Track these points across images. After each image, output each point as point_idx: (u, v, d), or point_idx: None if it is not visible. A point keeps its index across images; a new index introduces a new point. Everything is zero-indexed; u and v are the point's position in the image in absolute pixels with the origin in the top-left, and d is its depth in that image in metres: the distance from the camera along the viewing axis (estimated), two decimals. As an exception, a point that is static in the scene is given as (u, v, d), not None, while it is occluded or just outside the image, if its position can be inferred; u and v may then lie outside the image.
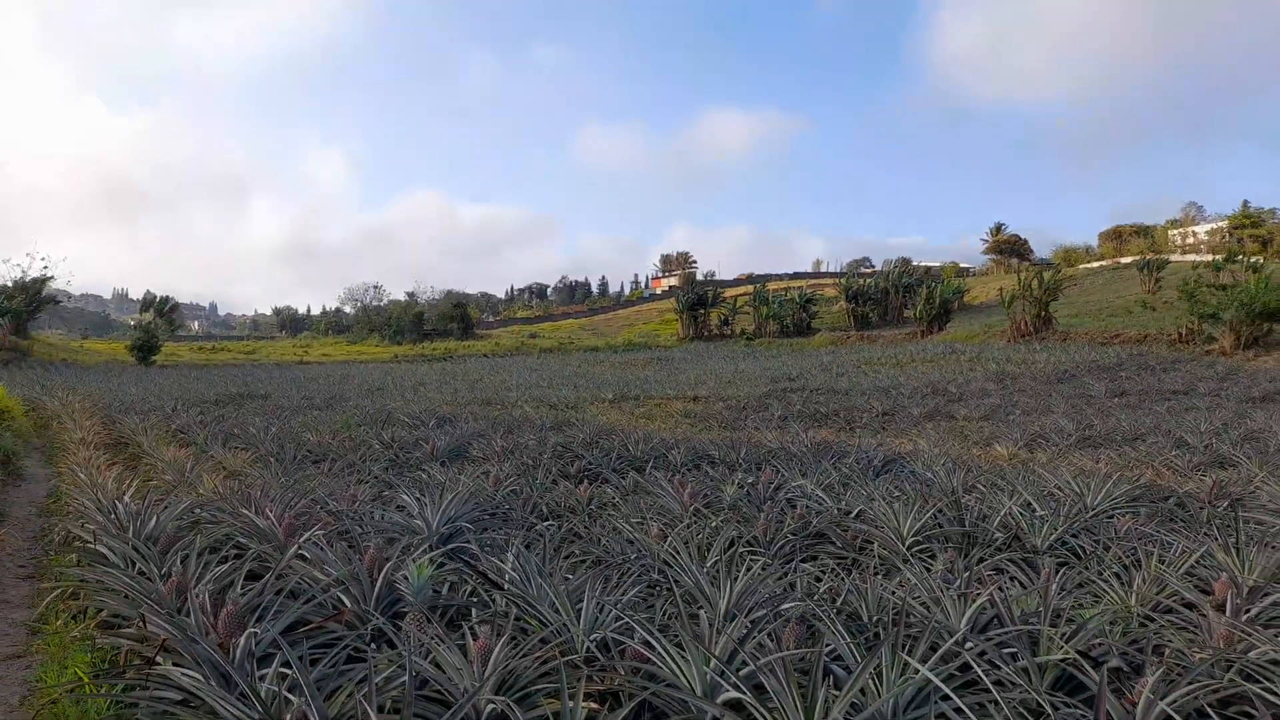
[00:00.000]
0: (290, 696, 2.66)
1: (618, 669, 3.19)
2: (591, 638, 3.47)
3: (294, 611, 3.50)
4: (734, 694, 2.86)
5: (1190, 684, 3.20)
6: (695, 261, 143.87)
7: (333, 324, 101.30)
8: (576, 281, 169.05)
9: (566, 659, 3.31)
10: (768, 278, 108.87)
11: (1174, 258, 71.86)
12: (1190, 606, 4.34)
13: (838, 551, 5.89)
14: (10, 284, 56.60)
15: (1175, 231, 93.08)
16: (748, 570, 4.53)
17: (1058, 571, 4.82)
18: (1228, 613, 3.98)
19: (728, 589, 3.99)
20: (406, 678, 2.62)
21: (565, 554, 5.52)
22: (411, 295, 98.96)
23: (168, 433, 13.45)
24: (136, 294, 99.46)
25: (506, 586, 4.10)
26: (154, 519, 4.99)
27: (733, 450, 11.11)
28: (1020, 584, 4.83)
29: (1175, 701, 3.09)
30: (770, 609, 3.88)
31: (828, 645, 3.43)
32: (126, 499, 5.60)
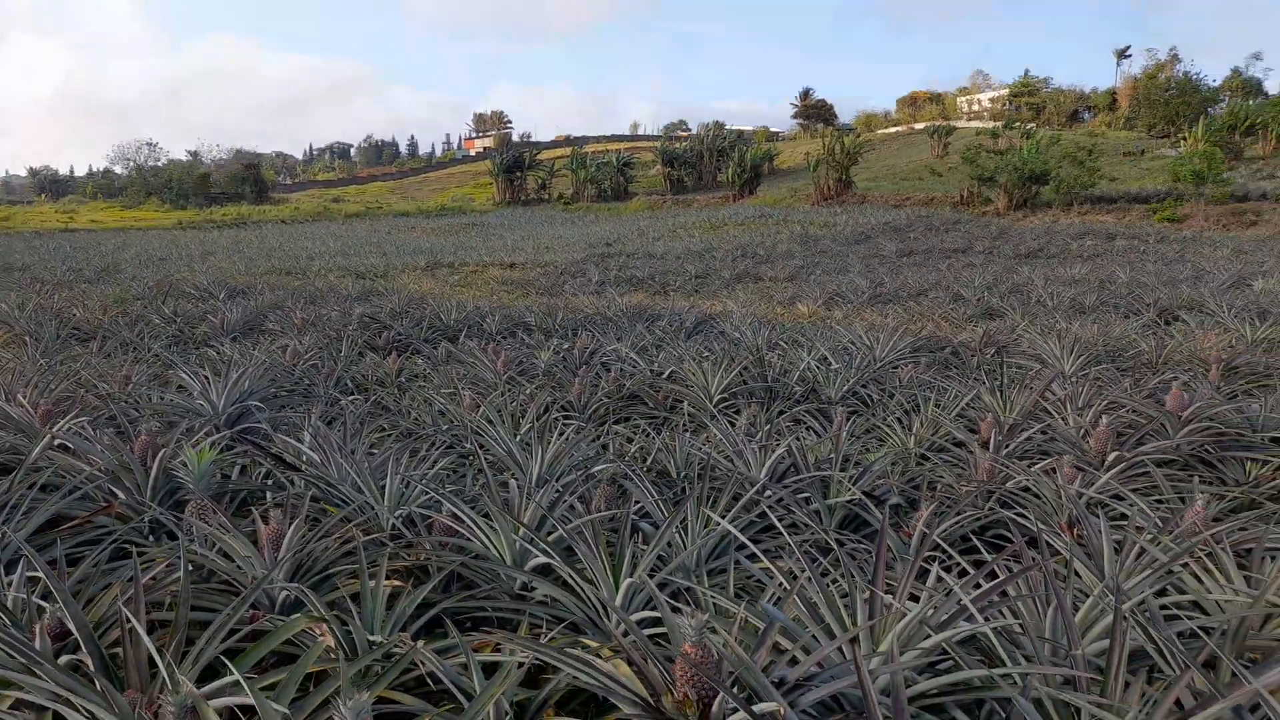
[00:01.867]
0: (43, 604, 2.37)
1: (424, 544, 3.10)
2: (397, 514, 3.34)
3: (49, 508, 3.11)
4: (543, 559, 2.84)
5: (957, 515, 3.54)
6: (510, 122, 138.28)
7: (102, 187, 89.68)
8: (383, 141, 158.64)
9: (370, 538, 3.17)
10: (586, 140, 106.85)
11: (961, 124, 77.03)
12: (960, 445, 4.79)
13: (650, 412, 6.02)
14: None
15: (964, 99, 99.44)
16: (561, 435, 4.52)
17: (848, 419, 5.16)
18: (991, 448, 4.43)
19: (539, 455, 3.96)
20: (182, 571, 2.39)
21: (373, 428, 5.29)
22: (195, 154, 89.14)
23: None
24: None
25: (304, 468, 3.86)
26: None
27: (549, 317, 11.02)
28: (816, 433, 5.14)
29: (944, 531, 3.41)
30: (581, 472, 3.90)
31: (637, 504, 3.49)
32: None
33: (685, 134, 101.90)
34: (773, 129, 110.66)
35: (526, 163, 75.45)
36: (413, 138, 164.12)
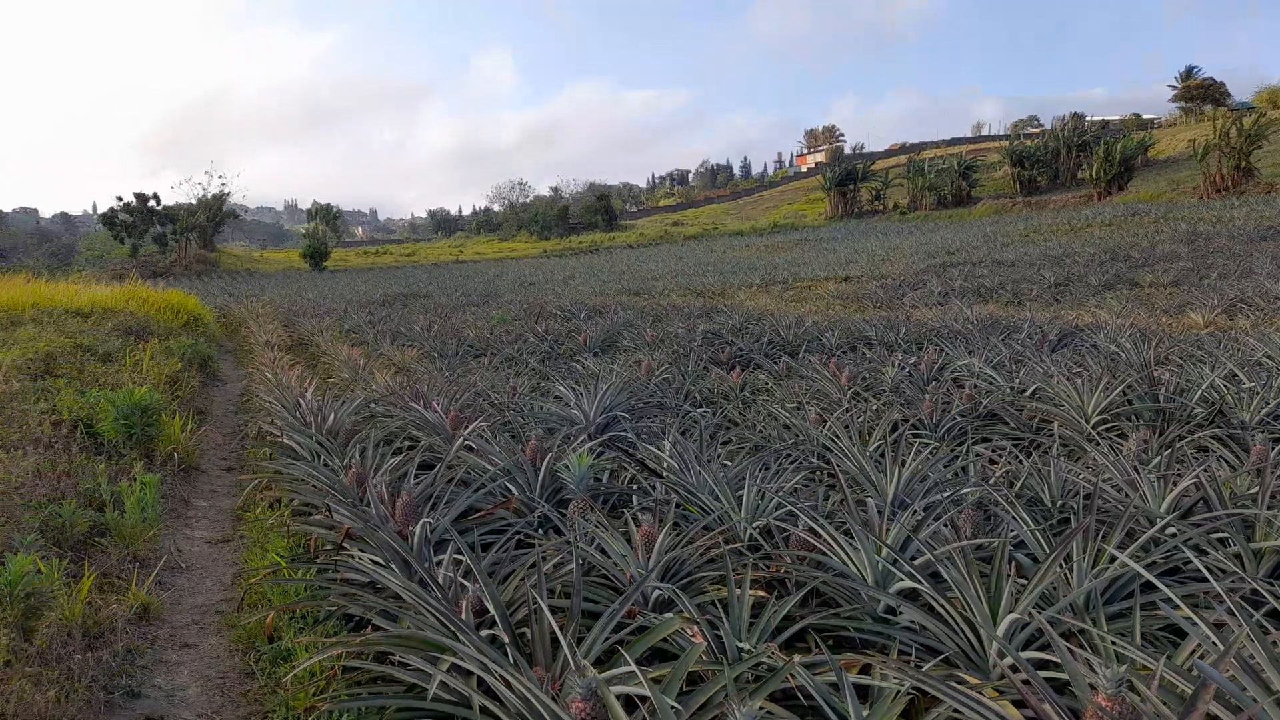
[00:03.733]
0: (465, 583, 2.75)
1: (783, 556, 3.12)
2: (754, 525, 3.41)
3: (464, 500, 3.62)
4: (909, 583, 2.72)
5: None
6: (843, 135, 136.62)
7: (483, 223, 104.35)
8: (718, 165, 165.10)
9: (730, 546, 3.26)
10: (922, 146, 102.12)
11: None
12: None
13: (1012, 433, 5.53)
14: (194, 201, 61.43)
15: None
16: (915, 454, 4.32)
17: (1273, 448, 4.31)
18: None
19: (895, 474, 3.81)
20: (574, 565, 2.64)
21: (721, 440, 5.47)
22: (556, 190, 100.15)
23: (341, 333, 14.38)
24: (305, 205, 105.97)
25: (665, 474, 4.09)
26: (332, 415, 5.30)
27: (890, 330, 10.66)
28: (1228, 464, 4.37)
29: None
30: (943, 495, 3.68)
31: (1011, 534, 3.21)
32: (309, 396, 5.99)
33: (1037, 130, 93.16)
34: (1146, 116, 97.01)
35: (859, 174, 74.01)
36: (745, 159, 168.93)
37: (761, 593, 2.86)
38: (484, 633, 2.46)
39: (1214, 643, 2.10)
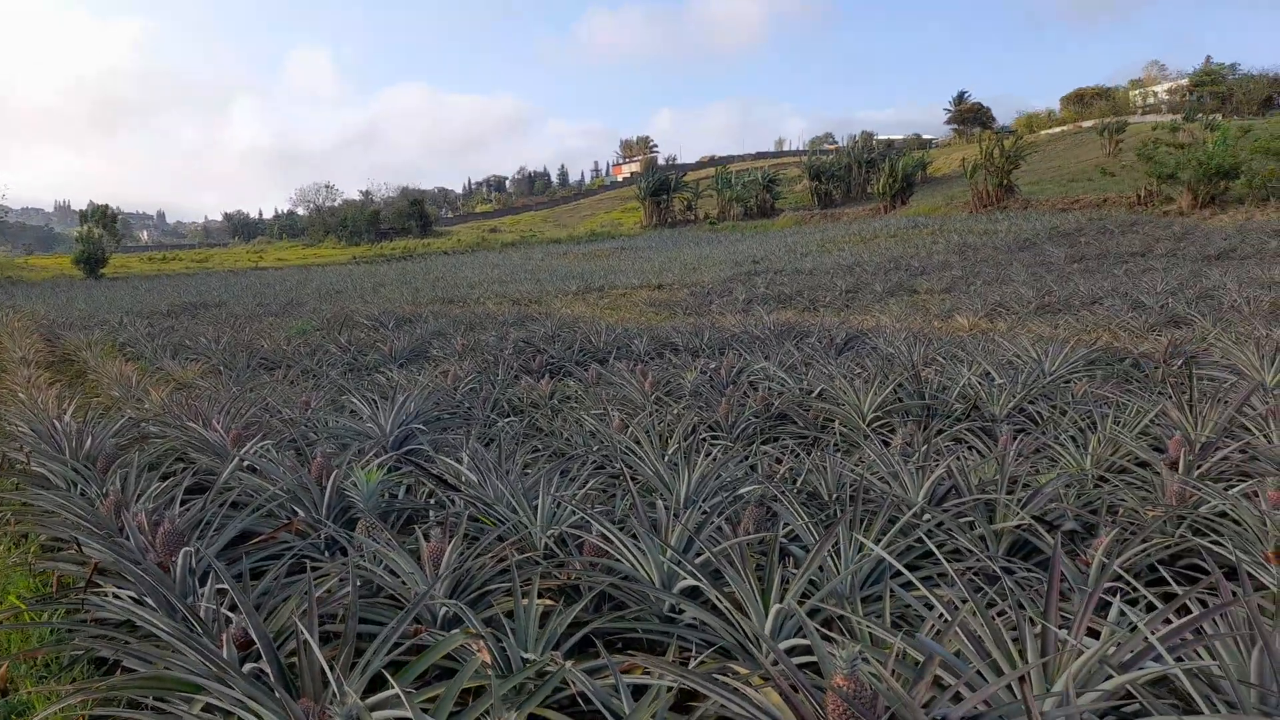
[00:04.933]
0: (231, 615, 2.57)
1: (575, 564, 3.15)
2: (549, 534, 3.42)
3: (237, 524, 3.39)
4: (691, 582, 2.82)
5: (1143, 543, 3.24)
6: (656, 146, 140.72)
7: (286, 227, 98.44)
8: (535, 172, 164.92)
9: (524, 556, 3.25)
10: (730, 159, 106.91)
11: (1134, 119, 71.50)
12: (1144, 465, 4.39)
13: (800, 431, 5.89)
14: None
15: (1137, 92, 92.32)
16: (708, 456, 4.50)
17: (1015, 439, 4.84)
18: (1180, 469, 4.03)
19: (686, 476, 3.95)
20: (351, 586, 2.54)
21: (527, 449, 5.45)
22: (366, 194, 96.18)
23: (114, 346, 13.07)
24: (80, 206, 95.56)
25: (462, 488, 4.02)
26: (90, 438, 4.80)
27: (696, 336, 11.05)
28: (979, 453, 4.86)
29: (1127, 560, 3.12)
30: (728, 494, 3.85)
31: (786, 526, 3.41)
32: (66, 418, 5.39)
33: (832, 147, 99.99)
34: (925, 136, 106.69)
35: (672, 185, 76.37)
36: (563, 167, 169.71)
37: (550, 601, 2.87)
38: (249, 667, 2.31)
39: (945, 619, 2.32)
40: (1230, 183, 35.39)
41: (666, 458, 4.63)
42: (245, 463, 4.25)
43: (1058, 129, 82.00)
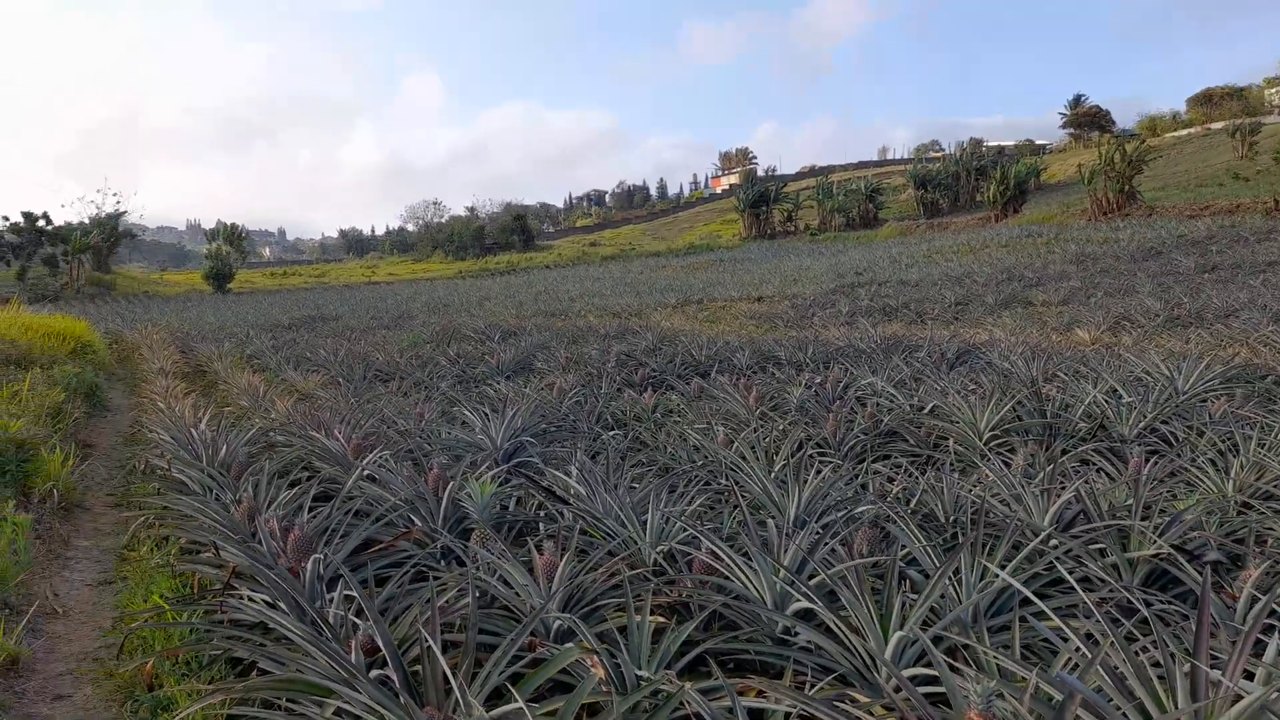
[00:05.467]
0: (357, 620, 2.67)
1: (685, 581, 3.13)
2: (658, 549, 3.41)
3: (360, 533, 3.52)
4: (805, 604, 2.76)
5: (1300, 577, 2.99)
6: (755, 158, 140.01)
7: (397, 243, 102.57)
8: (634, 186, 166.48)
9: (634, 572, 3.26)
10: (831, 169, 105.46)
11: (1270, 120, 66.73)
12: (1295, 492, 4.06)
13: (911, 450, 5.71)
14: (88, 220, 58.44)
15: (1273, 90, 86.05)
16: (817, 473, 4.41)
17: (1148, 461, 4.56)
18: (1340, 499, 3.71)
19: (796, 494, 3.88)
20: (470, 598, 2.59)
21: (632, 463, 5.48)
22: (472, 210, 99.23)
23: (242, 359, 13.86)
24: (209, 224, 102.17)
25: (572, 501, 4.07)
26: (225, 446, 5.10)
27: (799, 350, 10.89)
28: (1108, 476, 4.60)
29: (1282, 597, 2.89)
30: (841, 513, 3.76)
31: (903, 549, 3.30)
32: (202, 426, 5.74)
33: (938, 155, 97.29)
34: (1038, 142, 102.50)
35: (772, 196, 75.80)
36: (661, 180, 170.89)
37: (661, 618, 2.87)
38: (375, 673, 2.39)
39: (1082, 653, 2.19)
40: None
41: (774, 474, 4.57)
42: (365, 472, 4.42)
43: (1184, 132, 77.34)
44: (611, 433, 6.60)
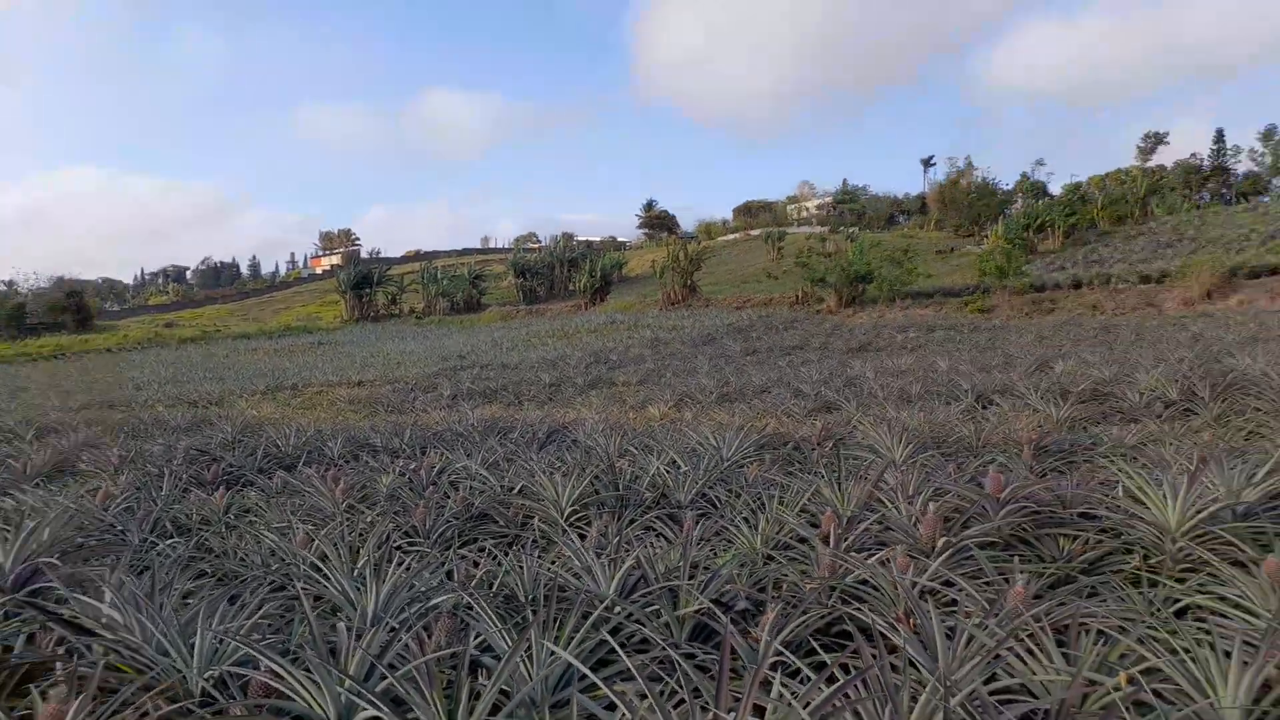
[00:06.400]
0: None
1: (234, 710, 2.80)
2: (206, 675, 3.02)
3: None
4: (373, 711, 2.63)
5: (803, 615, 3.57)
6: (359, 239, 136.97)
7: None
8: (222, 263, 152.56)
9: (174, 707, 2.84)
10: (437, 254, 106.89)
11: (792, 230, 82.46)
12: (804, 541, 4.88)
13: (500, 530, 5.83)
14: None
15: (793, 206, 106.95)
16: (401, 566, 4.29)
17: (698, 523, 5.18)
18: (831, 543, 4.53)
19: (375, 591, 3.72)
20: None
21: (193, 574, 4.84)
22: (10, 284, 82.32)
23: None
24: None
25: (102, 631, 3.45)
26: None
27: (396, 436, 10.64)
28: (666, 540, 5.12)
29: (790, 633, 3.42)
30: (420, 606, 3.69)
31: (479, 637, 3.32)
32: None
33: (536, 245, 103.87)
34: (619, 239, 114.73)
35: (375, 279, 74.38)
36: (254, 258, 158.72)
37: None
38: None
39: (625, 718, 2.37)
40: (866, 286, 41.84)
41: (357, 570, 4.35)
42: None
43: (731, 236, 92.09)
44: (170, 541, 5.79)
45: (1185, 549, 4.21)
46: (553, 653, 3.09)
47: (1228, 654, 2.77)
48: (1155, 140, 76.84)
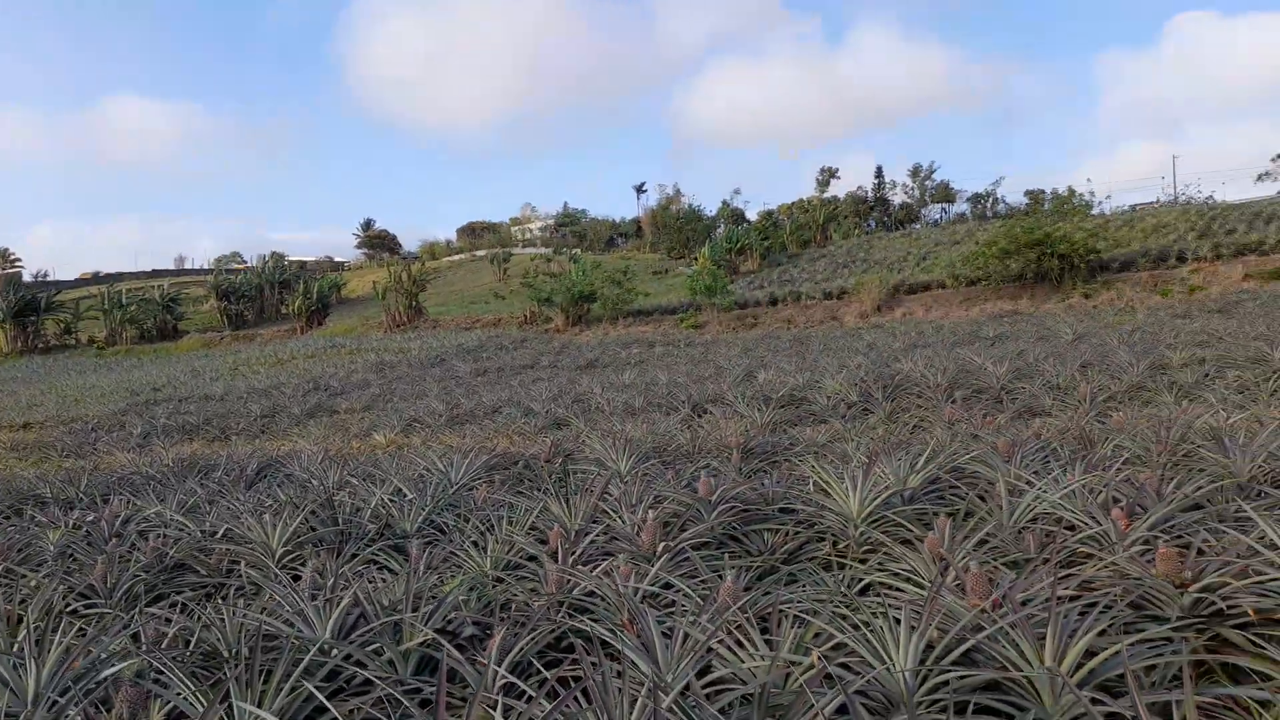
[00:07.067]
0: None
1: None
2: None
3: None
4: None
5: (531, 633, 3.58)
6: (19, 259, 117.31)
7: None
8: None
9: None
10: (121, 276, 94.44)
11: (517, 251, 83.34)
12: (533, 559, 4.91)
13: (201, 580, 5.26)
14: None
15: (517, 228, 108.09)
16: (79, 632, 3.73)
17: (425, 551, 5.02)
18: (560, 558, 4.61)
19: (35, 669, 3.19)
20: None
21: None
22: None
23: None
24: None
25: None
26: None
27: (71, 484, 9.25)
28: (391, 572, 4.91)
29: (519, 653, 3.42)
30: (88, 679, 3.22)
31: (168, 704, 2.97)
32: None
33: (241, 266, 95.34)
34: (338, 259, 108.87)
35: (44, 305, 64.24)
36: None
37: None
38: None
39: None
40: (590, 305, 43.30)
41: (16, 646, 3.71)
42: None
43: (457, 256, 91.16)
44: None
45: (865, 533, 4.78)
46: (261, 702, 2.84)
47: (898, 621, 3.18)
48: (829, 174, 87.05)
